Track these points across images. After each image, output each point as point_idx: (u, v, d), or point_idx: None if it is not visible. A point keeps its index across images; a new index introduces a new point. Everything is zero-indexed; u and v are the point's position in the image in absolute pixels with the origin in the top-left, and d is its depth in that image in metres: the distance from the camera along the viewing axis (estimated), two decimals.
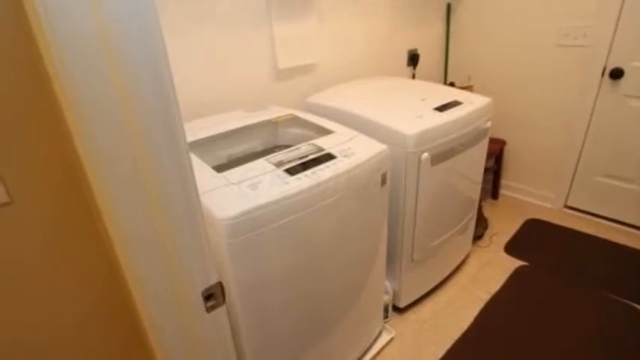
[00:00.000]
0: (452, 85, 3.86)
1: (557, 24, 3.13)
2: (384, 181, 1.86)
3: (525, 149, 3.69)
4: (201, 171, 1.58)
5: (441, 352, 2.31)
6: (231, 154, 2.00)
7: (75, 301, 1.08)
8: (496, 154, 3.68)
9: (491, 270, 2.95)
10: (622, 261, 2.95)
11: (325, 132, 1.95)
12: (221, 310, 1.04)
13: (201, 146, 1.84)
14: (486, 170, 2.89)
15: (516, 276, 2.86)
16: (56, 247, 1.00)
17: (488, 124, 2.50)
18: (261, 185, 1.46)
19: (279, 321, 1.63)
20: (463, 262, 3.03)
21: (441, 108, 2.25)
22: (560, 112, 3.36)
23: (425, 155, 2.08)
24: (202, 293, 0.97)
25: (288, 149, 1.74)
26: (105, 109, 0.70)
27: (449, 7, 3.72)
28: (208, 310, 1.00)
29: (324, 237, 1.65)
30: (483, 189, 2.96)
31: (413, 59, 3.55)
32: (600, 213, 3.46)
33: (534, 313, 2.53)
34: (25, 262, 0.96)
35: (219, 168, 1.59)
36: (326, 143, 1.79)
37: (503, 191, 3.98)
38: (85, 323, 1.12)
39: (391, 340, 2.41)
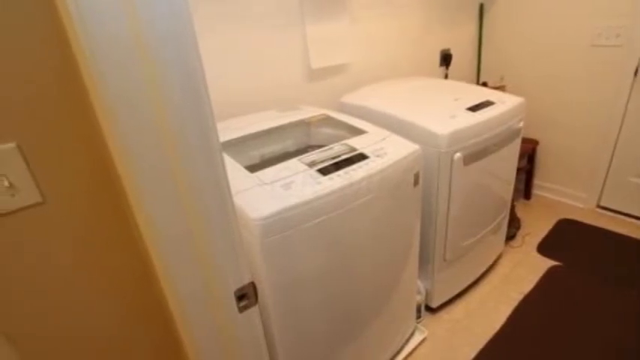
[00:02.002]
0: (484, 85, 3.82)
1: (592, 24, 3.08)
2: (416, 181, 1.85)
3: (558, 149, 3.64)
4: (234, 171, 1.59)
5: (474, 352, 2.29)
6: (264, 154, 2.01)
7: (109, 301, 1.09)
8: (529, 153, 3.64)
9: (523, 270, 2.91)
10: None
11: (358, 132, 1.95)
12: (254, 310, 1.04)
13: (234, 146, 1.86)
14: (519, 170, 2.86)
15: (549, 276, 2.82)
16: (89, 247, 1.00)
17: (521, 124, 2.47)
18: (293, 185, 1.46)
19: (312, 321, 1.64)
20: (495, 262, 3.00)
21: (474, 108, 2.24)
22: (593, 112, 3.31)
23: (457, 155, 2.07)
24: (235, 293, 0.96)
25: (320, 149, 1.75)
26: (137, 107, 0.70)
27: (482, 7, 3.68)
28: (241, 310, 0.99)
29: (357, 237, 1.65)
30: (516, 189, 2.92)
31: (445, 59, 3.53)
32: (633, 213, 3.39)
33: (567, 313, 2.49)
34: (58, 262, 0.96)
35: (252, 168, 1.60)
36: (359, 143, 1.79)
37: (535, 191, 3.92)
38: (118, 324, 1.13)
39: (424, 340, 2.40)
